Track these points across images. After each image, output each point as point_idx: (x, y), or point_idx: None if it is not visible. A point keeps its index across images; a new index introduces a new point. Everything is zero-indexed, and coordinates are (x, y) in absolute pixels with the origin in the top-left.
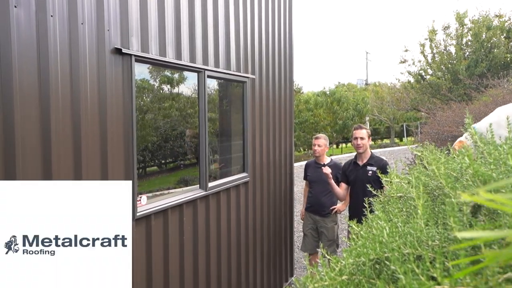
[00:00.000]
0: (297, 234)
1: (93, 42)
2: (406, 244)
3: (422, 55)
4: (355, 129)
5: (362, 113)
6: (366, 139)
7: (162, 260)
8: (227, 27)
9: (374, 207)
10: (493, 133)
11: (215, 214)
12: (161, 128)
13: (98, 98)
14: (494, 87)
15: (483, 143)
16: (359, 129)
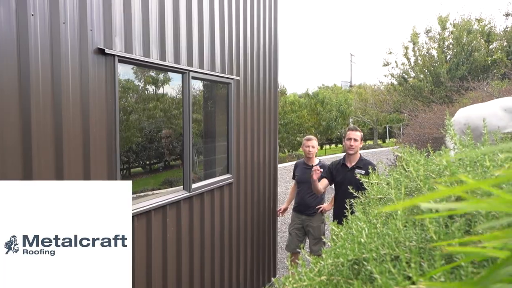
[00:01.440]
0: (281, 234)
1: (75, 42)
2: (384, 245)
3: (405, 58)
4: (350, 130)
5: (345, 114)
6: (359, 141)
7: (144, 262)
8: (211, 28)
9: (355, 208)
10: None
11: (198, 216)
12: (146, 129)
13: (80, 99)
14: (474, 89)
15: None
16: (354, 130)
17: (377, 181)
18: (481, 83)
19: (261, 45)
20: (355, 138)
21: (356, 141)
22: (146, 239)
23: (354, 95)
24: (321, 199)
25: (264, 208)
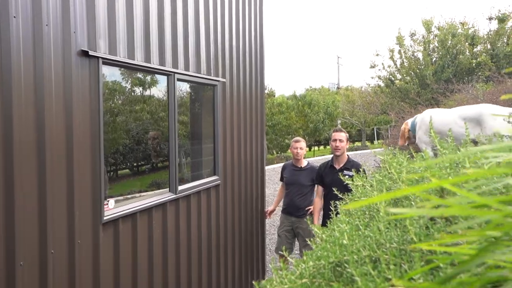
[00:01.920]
0: (270, 236)
1: (59, 44)
2: (365, 247)
3: (391, 60)
4: (335, 131)
5: (333, 116)
6: (344, 142)
7: (130, 264)
8: (197, 30)
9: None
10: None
11: (185, 218)
12: (133, 131)
13: (63, 101)
14: (459, 92)
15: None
16: (339, 131)
17: (362, 183)
18: (466, 85)
19: (247, 47)
20: (340, 139)
21: (342, 141)
22: (132, 242)
23: (342, 97)
24: (310, 200)
25: (252, 210)
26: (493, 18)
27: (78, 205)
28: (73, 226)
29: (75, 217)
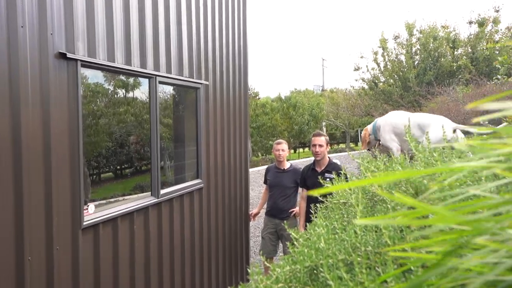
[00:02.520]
0: (254, 239)
1: (35, 46)
2: (340, 251)
3: (375, 63)
4: (314, 135)
5: (317, 118)
6: (324, 146)
7: (111, 270)
8: (179, 33)
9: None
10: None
11: (168, 222)
12: (115, 134)
13: (40, 104)
14: (440, 94)
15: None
16: (318, 136)
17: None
18: (447, 88)
19: (230, 49)
20: (320, 143)
21: (322, 146)
22: (113, 248)
23: (326, 99)
24: (293, 202)
25: (236, 212)
26: (473, 22)
27: (56, 211)
28: (51, 231)
29: (54, 223)
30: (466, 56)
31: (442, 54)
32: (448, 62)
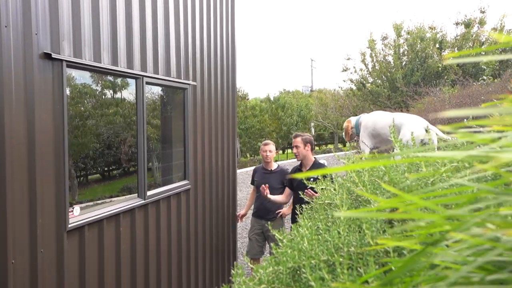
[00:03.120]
0: (242, 240)
1: (19, 47)
2: (323, 252)
3: (363, 64)
4: (292, 137)
5: (306, 119)
6: (301, 147)
7: (97, 273)
8: (166, 33)
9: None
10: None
11: (154, 223)
12: (103, 135)
13: (24, 105)
14: (427, 95)
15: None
16: (294, 137)
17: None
18: (434, 88)
19: (218, 50)
20: (297, 145)
21: (298, 147)
22: (99, 250)
23: (315, 99)
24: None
25: (223, 214)
26: (459, 23)
27: (41, 213)
28: (36, 234)
29: (38, 225)
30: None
31: (429, 55)
32: (435, 63)
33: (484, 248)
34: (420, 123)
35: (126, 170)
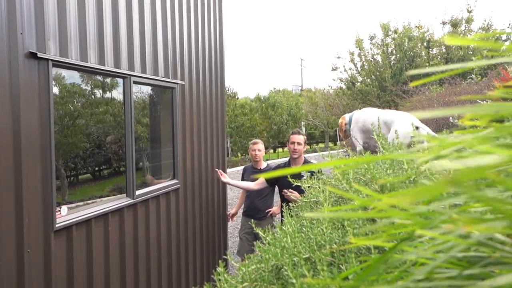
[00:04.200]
0: (233, 239)
1: (4, 46)
2: (306, 249)
3: (352, 63)
4: (293, 133)
5: (296, 118)
6: (302, 145)
7: (85, 273)
8: (154, 32)
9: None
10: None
11: (143, 223)
12: (92, 135)
13: (10, 105)
14: (415, 94)
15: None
16: (297, 134)
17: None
18: (422, 87)
19: (206, 49)
20: (299, 142)
21: (300, 144)
22: (87, 250)
23: (305, 99)
24: (270, 202)
25: (214, 213)
26: (446, 23)
27: (27, 212)
28: (22, 234)
29: (24, 225)
30: (440, 56)
31: (417, 54)
32: (423, 62)
33: (453, 244)
34: (409, 120)
35: (115, 170)
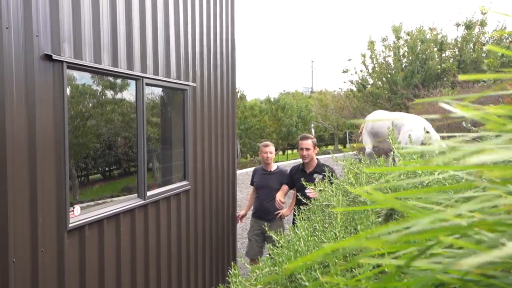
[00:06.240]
0: (242, 241)
1: (20, 48)
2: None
3: (363, 65)
4: (301, 139)
5: (306, 120)
6: (311, 149)
7: (97, 272)
8: (166, 34)
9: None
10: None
11: (154, 224)
12: (104, 135)
13: (26, 106)
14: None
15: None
16: (305, 139)
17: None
18: (434, 90)
19: (218, 51)
20: (307, 147)
21: (308, 149)
22: (99, 249)
23: (315, 101)
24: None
25: (223, 214)
26: (460, 25)
27: (41, 212)
28: (36, 233)
29: (39, 225)
30: (453, 58)
31: (429, 57)
32: (435, 64)
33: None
34: (420, 123)
35: (125, 171)
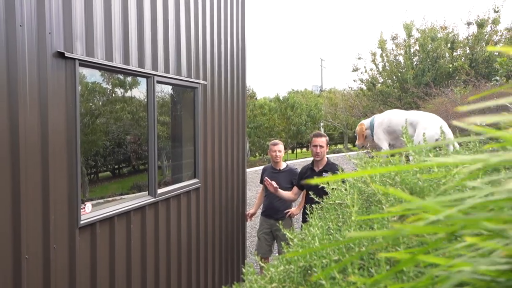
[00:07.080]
0: (251, 239)
1: (33, 46)
2: (334, 251)
3: (373, 64)
4: (315, 136)
5: (315, 118)
6: (324, 147)
7: (108, 269)
8: (177, 32)
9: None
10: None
11: (164, 221)
12: (113, 133)
13: (38, 103)
14: (438, 95)
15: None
16: (319, 137)
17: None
18: (445, 89)
19: (228, 49)
20: (321, 144)
21: (322, 147)
22: (110, 246)
23: (325, 99)
24: (289, 203)
25: (233, 212)
26: (471, 23)
27: (53, 209)
28: (48, 230)
29: (51, 222)
30: (465, 57)
31: (440, 55)
32: (446, 63)
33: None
34: (436, 121)
35: (135, 168)
